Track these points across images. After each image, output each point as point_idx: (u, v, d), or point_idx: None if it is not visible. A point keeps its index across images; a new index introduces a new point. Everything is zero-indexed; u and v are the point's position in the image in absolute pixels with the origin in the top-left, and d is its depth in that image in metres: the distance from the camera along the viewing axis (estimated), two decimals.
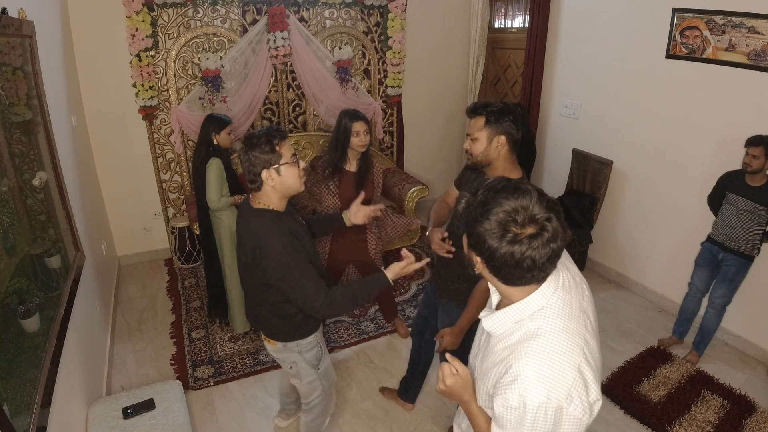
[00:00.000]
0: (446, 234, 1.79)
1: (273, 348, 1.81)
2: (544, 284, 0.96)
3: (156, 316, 3.28)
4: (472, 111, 1.68)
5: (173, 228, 3.85)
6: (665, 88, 3.16)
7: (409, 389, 2.48)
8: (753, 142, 2.42)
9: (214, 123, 2.74)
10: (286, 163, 1.55)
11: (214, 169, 2.63)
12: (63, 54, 2.92)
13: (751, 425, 2.40)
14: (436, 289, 2.03)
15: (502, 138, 1.63)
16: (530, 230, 0.88)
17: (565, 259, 1.06)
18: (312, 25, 3.85)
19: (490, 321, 1.02)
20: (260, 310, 1.74)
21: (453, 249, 1.74)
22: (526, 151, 3.95)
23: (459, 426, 1.30)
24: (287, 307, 1.67)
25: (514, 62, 4.55)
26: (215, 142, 2.72)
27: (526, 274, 0.91)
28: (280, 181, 1.56)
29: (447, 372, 1.08)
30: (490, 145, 1.65)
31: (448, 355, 1.11)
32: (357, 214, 1.94)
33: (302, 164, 1.60)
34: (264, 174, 1.54)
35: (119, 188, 3.75)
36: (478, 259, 0.95)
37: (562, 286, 0.99)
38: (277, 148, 1.53)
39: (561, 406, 0.88)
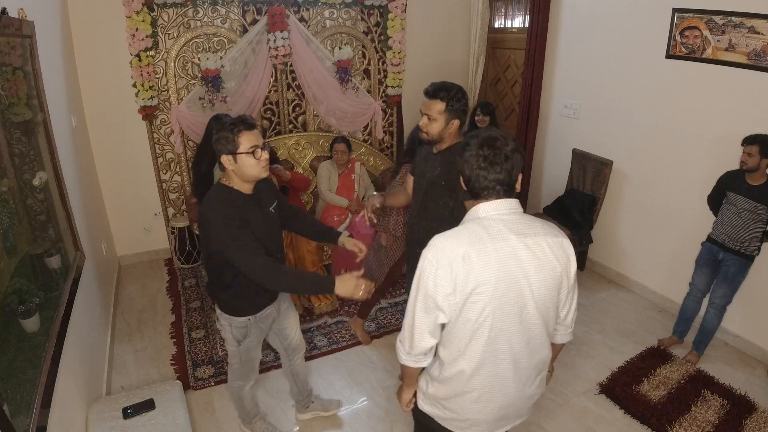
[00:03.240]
0: (378, 207, 2.09)
1: (217, 311, 1.98)
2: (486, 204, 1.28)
3: (156, 316, 3.28)
4: (433, 94, 1.93)
5: (173, 228, 3.85)
6: (665, 88, 3.16)
7: None
8: (748, 140, 2.46)
9: None
10: (243, 153, 1.66)
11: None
12: (63, 54, 2.91)
13: (751, 425, 2.40)
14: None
15: (457, 122, 1.93)
16: (488, 152, 1.24)
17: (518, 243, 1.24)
18: (312, 25, 3.85)
19: None
20: (209, 275, 1.93)
21: (375, 222, 2.06)
22: None
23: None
24: (224, 280, 1.82)
25: (514, 62, 4.55)
26: None
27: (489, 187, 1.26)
28: (237, 167, 1.69)
29: None
30: (446, 127, 1.93)
31: None
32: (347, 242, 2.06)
33: (264, 155, 1.70)
34: (223, 158, 1.68)
35: (119, 188, 3.75)
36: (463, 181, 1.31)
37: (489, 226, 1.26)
38: (237, 137, 1.65)
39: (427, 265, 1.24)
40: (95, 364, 2.47)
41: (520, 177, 1.29)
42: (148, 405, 2.18)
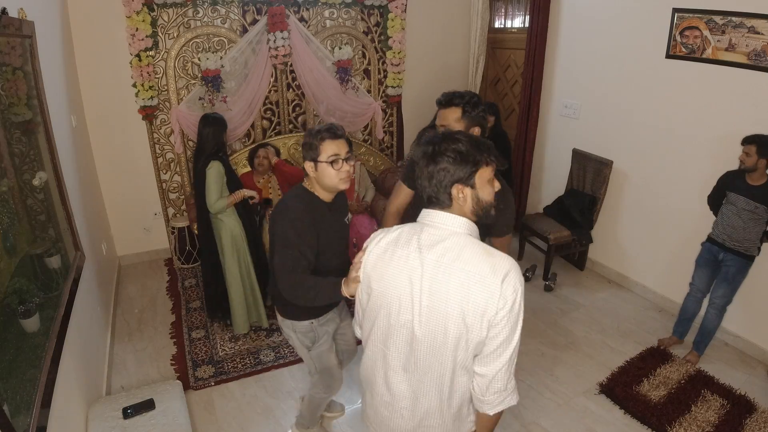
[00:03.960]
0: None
1: (279, 318, 1.94)
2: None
3: (156, 316, 3.28)
4: (448, 102, 1.74)
5: (173, 228, 3.86)
6: (665, 88, 3.16)
7: None
8: (746, 140, 2.47)
9: (215, 126, 2.70)
10: (323, 162, 1.65)
11: (214, 172, 2.63)
12: (63, 54, 2.91)
13: (751, 425, 2.40)
14: None
15: (477, 129, 1.72)
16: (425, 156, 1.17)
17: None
18: (312, 25, 3.85)
19: None
20: (274, 280, 1.86)
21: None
22: (502, 147, 3.92)
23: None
24: None
25: (514, 62, 4.54)
26: (223, 140, 2.74)
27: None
28: (317, 175, 1.69)
29: None
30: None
31: None
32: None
33: (345, 167, 1.68)
34: (306, 164, 1.70)
35: (119, 188, 3.75)
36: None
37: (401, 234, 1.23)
38: (319, 145, 1.65)
39: None
40: (95, 364, 2.47)
41: (460, 191, 1.12)
42: (148, 405, 2.19)
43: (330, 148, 1.65)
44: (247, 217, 2.89)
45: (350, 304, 1.67)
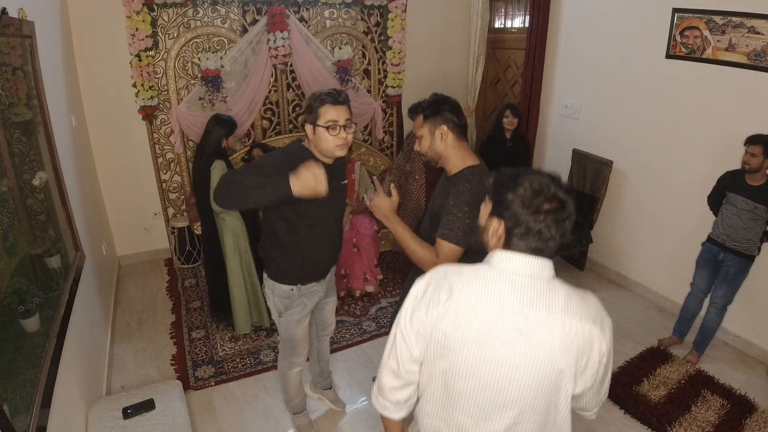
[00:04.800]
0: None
1: (264, 275, 1.98)
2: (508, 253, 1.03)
3: (156, 316, 3.28)
4: (411, 112, 1.71)
5: (173, 228, 3.85)
6: (665, 88, 3.16)
7: None
8: (751, 140, 2.44)
9: (227, 128, 2.72)
10: (321, 126, 1.66)
11: (219, 171, 2.63)
12: (63, 54, 2.91)
13: (751, 425, 2.40)
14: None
15: (444, 127, 1.64)
16: (552, 205, 1.00)
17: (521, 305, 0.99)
18: (312, 25, 3.85)
19: None
20: (263, 233, 1.92)
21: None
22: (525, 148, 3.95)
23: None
24: (278, 240, 1.83)
25: (514, 62, 4.55)
26: (223, 145, 2.73)
27: (530, 240, 1.00)
28: (315, 138, 1.70)
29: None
30: (434, 138, 1.65)
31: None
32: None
33: (342, 133, 1.67)
34: (306, 126, 1.71)
35: (119, 188, 3.75)
36: (501, 222, 1.03)
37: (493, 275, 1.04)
38: (319, 108, 1.65)
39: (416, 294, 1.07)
40: (95, 364, 2.47)
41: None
42: (148, 405, 2.18)
43: (329, 114, 1.64)
44: (248, 216, 2.90)
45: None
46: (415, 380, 1.12)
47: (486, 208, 1.10)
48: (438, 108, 1.65)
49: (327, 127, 1.65)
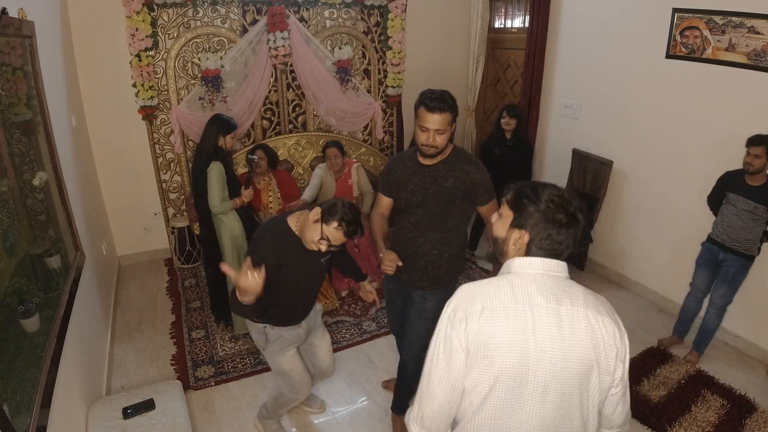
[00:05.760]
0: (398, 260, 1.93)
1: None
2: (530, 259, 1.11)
3: (156, 316, 3.28)
4: (440, 108, 1.77)
5: (173, 228, 3.85)
6: (665, 88, 3.16)
7: None
8: (754, 141, 2.42)
9: (223, 127, 2.72)
10: (319, 235, 1.75)
11: (216, 173, 2.63)
12: (63, 54, 2.91)
13: (751, 425, 2.40)
14: (410, 282, 2.08)
15: (455, 124, 1.85)
16: (570, 218, 1.08)
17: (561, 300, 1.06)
18: (312, 25, 3.85)
19: None
20: None
21: (401, 264, 1.91)
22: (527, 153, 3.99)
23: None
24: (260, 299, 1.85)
25: (514, 62, 4.55)
26: (221, 145, 2.72)
27: (548, 248, 1.09)
28: (308, 225, 1.78)
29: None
30: (449, 135, 1.85)
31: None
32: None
33: (323, 246, 1.77)
34: (314, 211, 1.80)
35: (119, 188, 3.75)
36: (524, 233, 1.10)
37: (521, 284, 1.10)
38: (330, 222, 1.75)
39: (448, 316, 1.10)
40: (95, 364, 2.47)
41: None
42: (148, 405, 2.18)
43: (335, 236, 1.75)
44: (246, 217, 2.90)
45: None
46: (456, 408, 1.11)
47: (506, 219, 1.16)
48: (456, 104, 1.87)
49: (318, 240, 1.76)
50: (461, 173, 1.89)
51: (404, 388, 2.27)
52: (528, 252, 1.10)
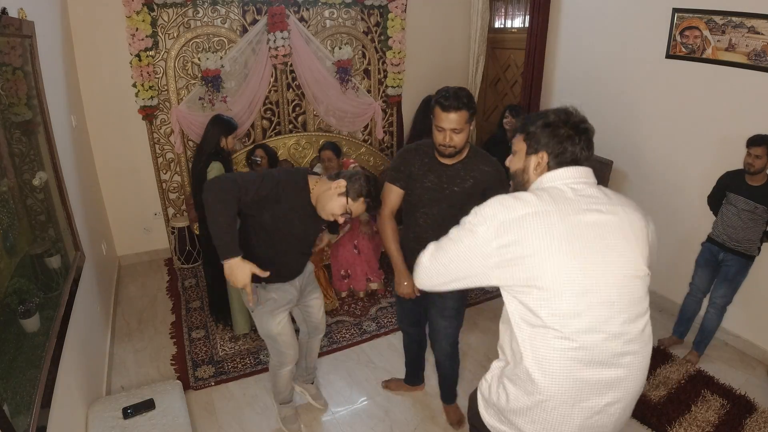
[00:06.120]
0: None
1: None
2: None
3: (156, 316, 3.28)
4: (457, 106, 1.74)
5: (173, 228, 3.85)
6: (665, 88, 3.16)
7: (415, 374, 2.56)
8: (755, 141, 2.41)
9: (225, 128, 2.73)
10: (341, 207, 1.79)
11: (216, 173, 2.63)
12: (63, 54, 2.91)
13: (751, 425, 2.40)
14: None
15: (473, 122, 1.84)
16: (580, 128, 1.16)
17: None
18: (312, 25, 3.85)
19: None
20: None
21: (419, 294, 1.98)
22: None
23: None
24: (248, 242, 1.87)
25: (514, 62, 4.54)
26: (222, 145, 2.72)
27: (569, 160, 1.15)
28: (329, 194, 1.79)
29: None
30: (468, 133, 1.84)
31: None
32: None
33: (343, 218, 1.81)
34: (339, 182, 1.81)
35: (119, 188, 3.75)
36: (542, 154, 1.16)
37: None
38: (355, 200, 1.80)
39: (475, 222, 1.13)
40: (95, 364, 2.47)
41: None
42: (148, 405, 2.18)
43: (357, 209, 1.81)
44: None
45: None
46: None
47: (520, 152, 1.21)
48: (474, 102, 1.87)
49: (341, 214, 1.80)
50: (481, 174, 1.89)
51: (447, 383, 2.37)
52: (550, 169, 1.15)
